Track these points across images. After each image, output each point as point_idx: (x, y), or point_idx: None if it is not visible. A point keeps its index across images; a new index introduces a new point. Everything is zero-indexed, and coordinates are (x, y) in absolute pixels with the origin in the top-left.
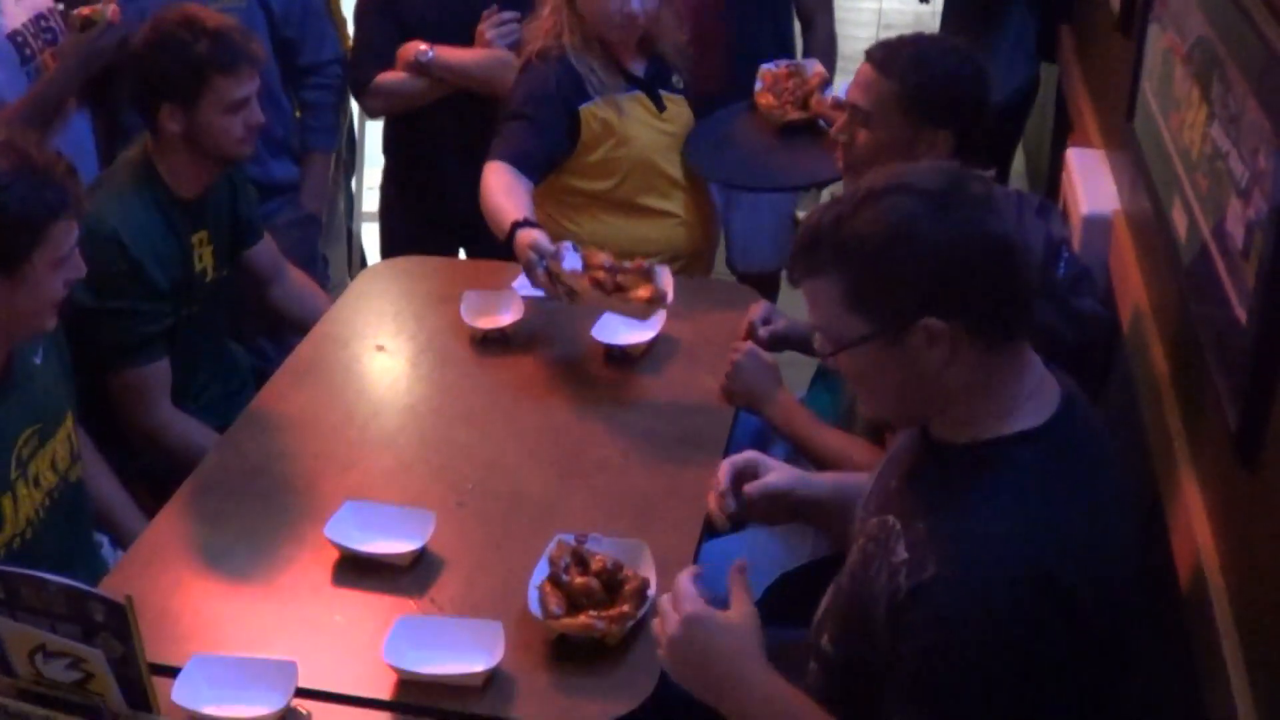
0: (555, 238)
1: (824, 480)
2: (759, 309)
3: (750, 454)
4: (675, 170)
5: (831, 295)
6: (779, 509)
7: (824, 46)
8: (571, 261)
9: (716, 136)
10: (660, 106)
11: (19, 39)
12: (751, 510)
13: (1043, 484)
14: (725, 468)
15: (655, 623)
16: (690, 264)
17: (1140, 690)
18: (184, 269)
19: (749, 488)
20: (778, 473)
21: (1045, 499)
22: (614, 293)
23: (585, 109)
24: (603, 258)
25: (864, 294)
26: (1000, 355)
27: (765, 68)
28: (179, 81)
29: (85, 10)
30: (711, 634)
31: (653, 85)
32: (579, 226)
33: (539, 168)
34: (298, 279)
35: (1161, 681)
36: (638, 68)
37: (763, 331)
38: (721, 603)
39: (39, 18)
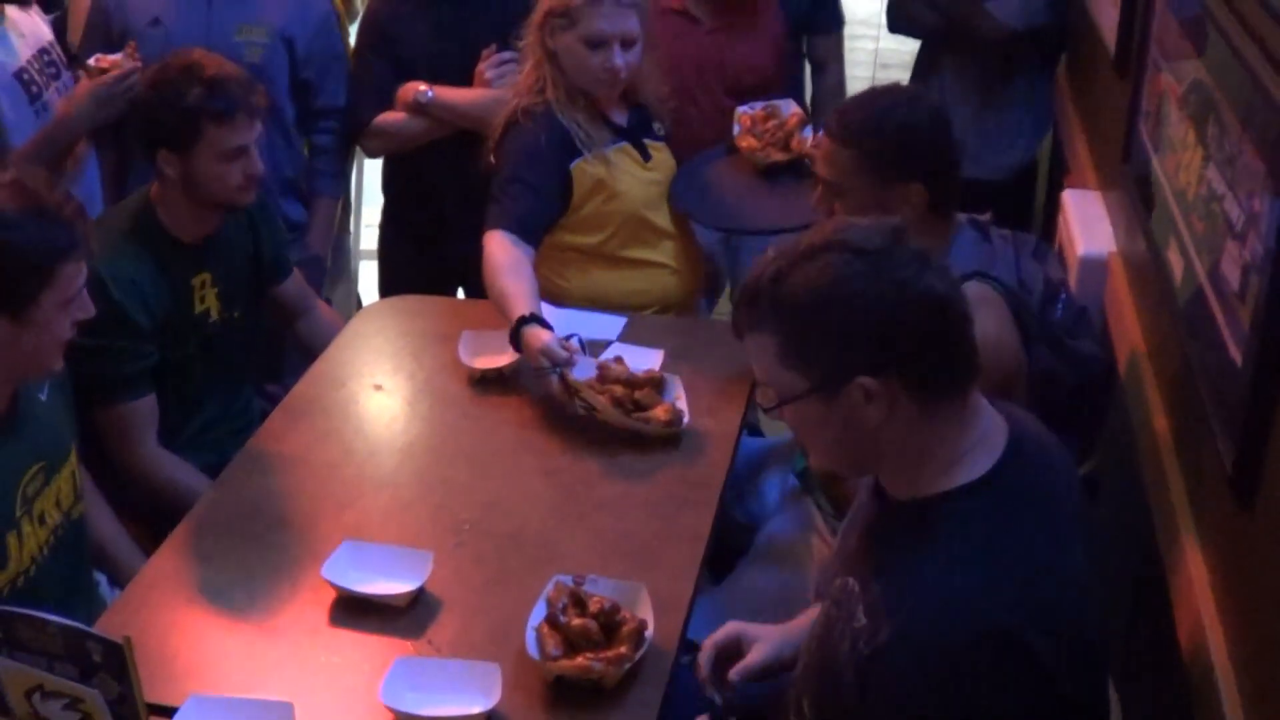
0: (549, 295)
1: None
2: None
3: (731, 629)
4: (663, 220)
5: (770, 350)
6: (769, 676)
7: (834, 91)
8: (585, 369)
9: (702, 181)
10: (646, 156)
11: (25, 76)
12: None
13: (990, 537)
14: (706, 651)
15: None
16: (681, 310)
17: None
18: (177, 310)
19: (733, 674)
20: (760, 647)
21: (994, 552)
22: (634, 412)
23: (576, 166)
24: (618, 370)
25: (799, 351)
26: (940, 410)
27: (741, 110)
28: (173, 129)
29: (105, 62)
30: None
31: (636, 134)
32: (569, 282)
33: (538, 232)
34: (325, 313)
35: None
36: (620, 118)
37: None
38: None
39: (41, 52)
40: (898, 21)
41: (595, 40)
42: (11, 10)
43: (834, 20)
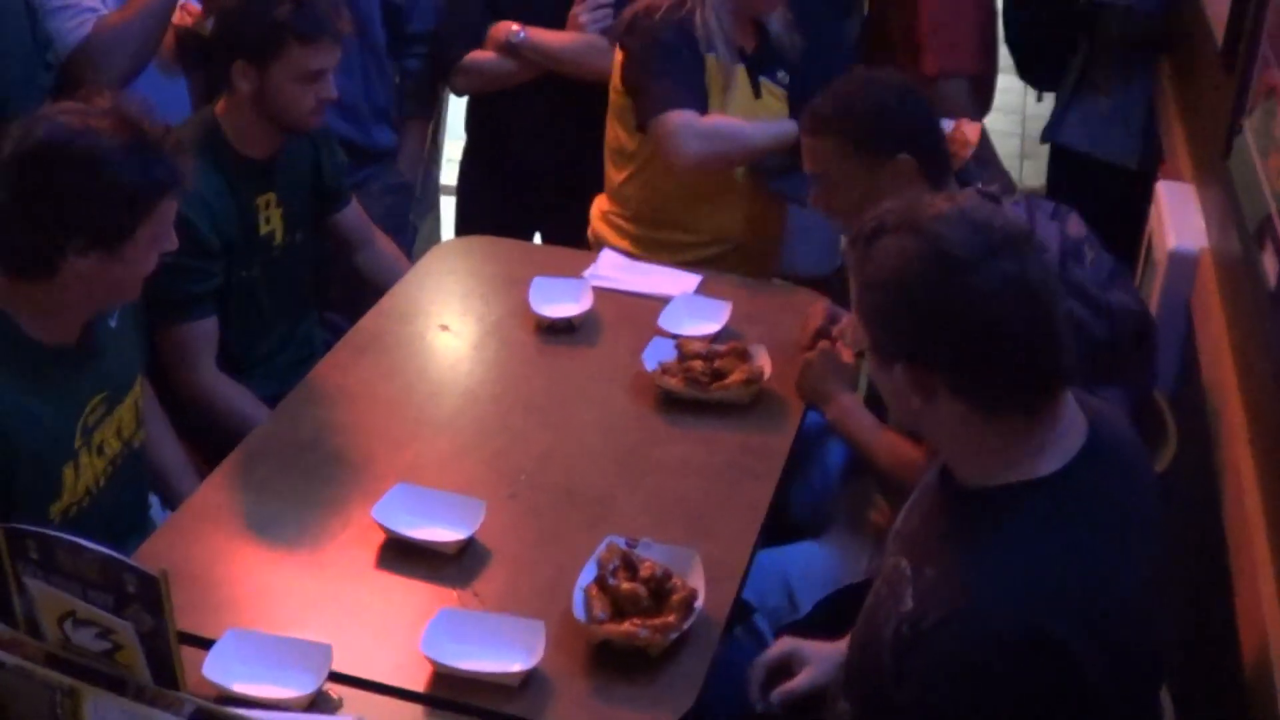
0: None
1: None
2: (821, 308)
3: (784, 647)
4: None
5: (853, 297)
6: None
7: None
8: (663, 352)
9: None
10: (756, 93)
11: None
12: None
13: (1049, 538)
14: (757, 670)
15: None
16: (746, 258)
17: None
18: (243, 230)
19: (774, 696)
20: (809, 670)
21: (1051, 555)
22: (710, 383)
23: (709, 57)
24: (696, 345)
25: (863, 313)
26: (993, 419)
27: None
28: (256, 41)
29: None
30: None
31: (754, 68)
32: (634, 207)
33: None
34: (385, 246)
35: None
36: (747, 45)
37: (835, 330)
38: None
39: None
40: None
41: None
42: None
43: None
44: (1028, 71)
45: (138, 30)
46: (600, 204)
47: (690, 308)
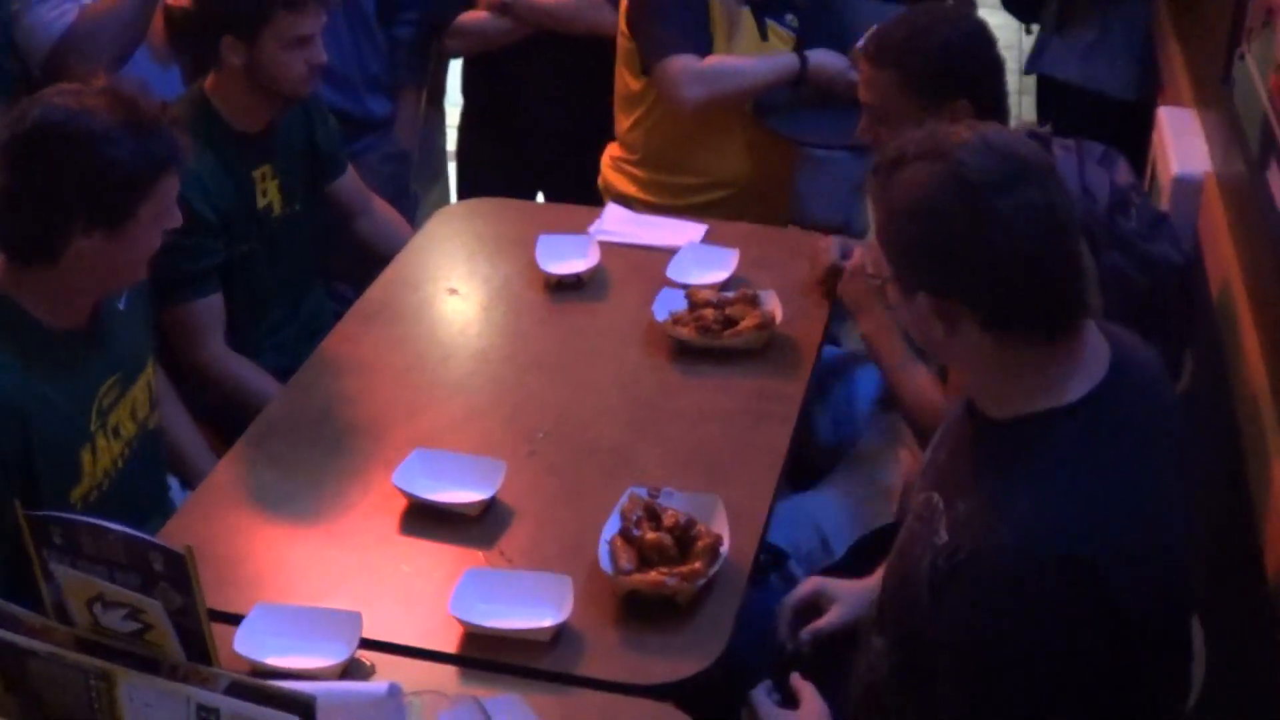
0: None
1: None
2: (830, 243)
3: (811, 586)
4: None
5: (875, 226)
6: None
7: None
8: (673, 302)
9: (791, 92)
10: (763, 35)
11: None
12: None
13: (1079, 463)
14: (785, 611)
15: None
16: (757, 201)
17: (1214, 677)
18: (241, 204)
19: (804, 634)
20: (837, 608)
21: (1081, 480)
22: (723, 330)
23: (713, 1)
24: (706, 294)
25: (886, 242)
26: (1018, 346)
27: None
28: (243, 13)
29: None
30: None
31: (762, 10)
32: (640, 152)
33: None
34: (385, 212)
35: (1245, 665)
36: None
37: (849, 264)
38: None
39: None
40: None
41: None
42: None
43: None
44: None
45: (123, 14)
46: (610, 151)
47: (698, 256)
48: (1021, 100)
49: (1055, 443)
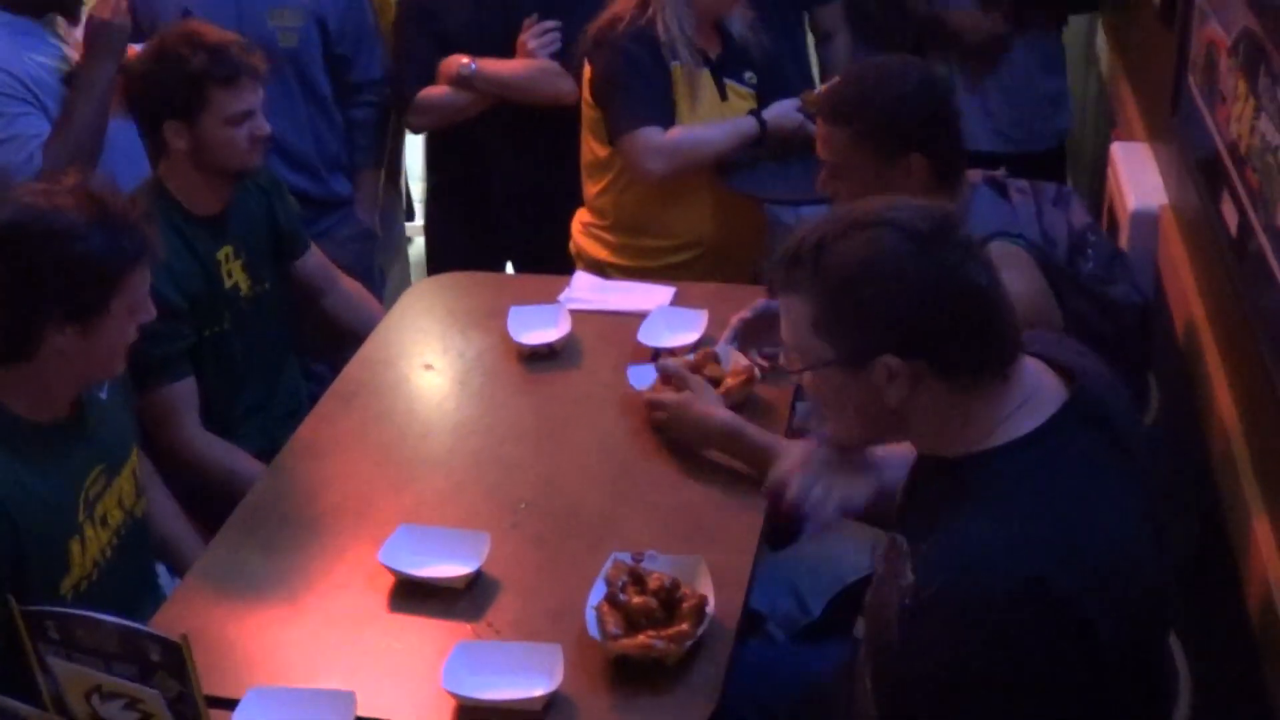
0: (587, 254)
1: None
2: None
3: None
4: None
5: (804, 315)
6: None
7: (843, 62)
8: (645, 378)
9: (751, 150)
10: (722, 95)
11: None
12: None
13: (1031, 493)
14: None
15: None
16: (726, 261)
17: (1199, 703)
18: (208, 286)
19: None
20: None
21: (1034, 508)
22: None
23: (674, 67)
24: (673, 365)
25: (832, 321)
26: (971, 387)
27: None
28: (179, 97)
29: (132, 52)
30: None
31: (719, 70)
32: (610, 217)
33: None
34: (351, 288)
35: (1224, 681)
36: (711, 49)
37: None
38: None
39: None
40: (866, 35)
41: None
42: (63, 21)
43: None
44: None
45: (85, 137)
46: (580, 216)
47: (668, 320)
48: None
49: (1009, 474)
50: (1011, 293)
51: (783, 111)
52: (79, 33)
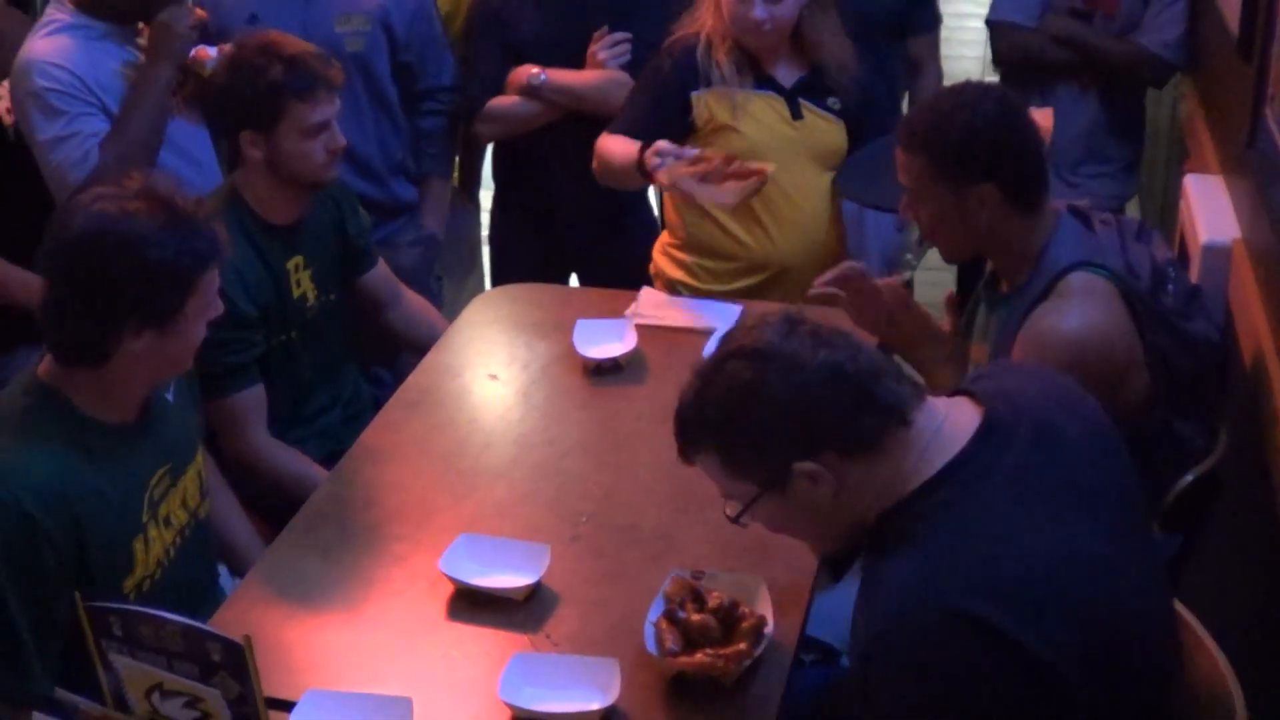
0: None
1: None
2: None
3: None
4: (793, 187)
5: (715, 465)
6: None
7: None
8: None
9: (877, 161)
10: (795, 114)
11: None
12: None
13: (946, 526)
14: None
15: None
16: (791, 286)
17: None
18: (277, 296)
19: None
20: None
21: (949, 540)
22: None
23: (696, 95)
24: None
25: (736, 459)
26: (880, 453)
27: None
28: (256, 107)
29: (202, 54)
30: None
31: (796, 94)
32: (681, 229)
33: (650, 138)
34: (415, 302)
35: None
36: (786, 75)
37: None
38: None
39: None
40: (1007, 53)
41: None
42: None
43: (931, 18)
44: None
45: (142, 137)
46: (661, 238)
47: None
48: None
49: (919, 515)
50: (1088, 325)
51: (661, 168)
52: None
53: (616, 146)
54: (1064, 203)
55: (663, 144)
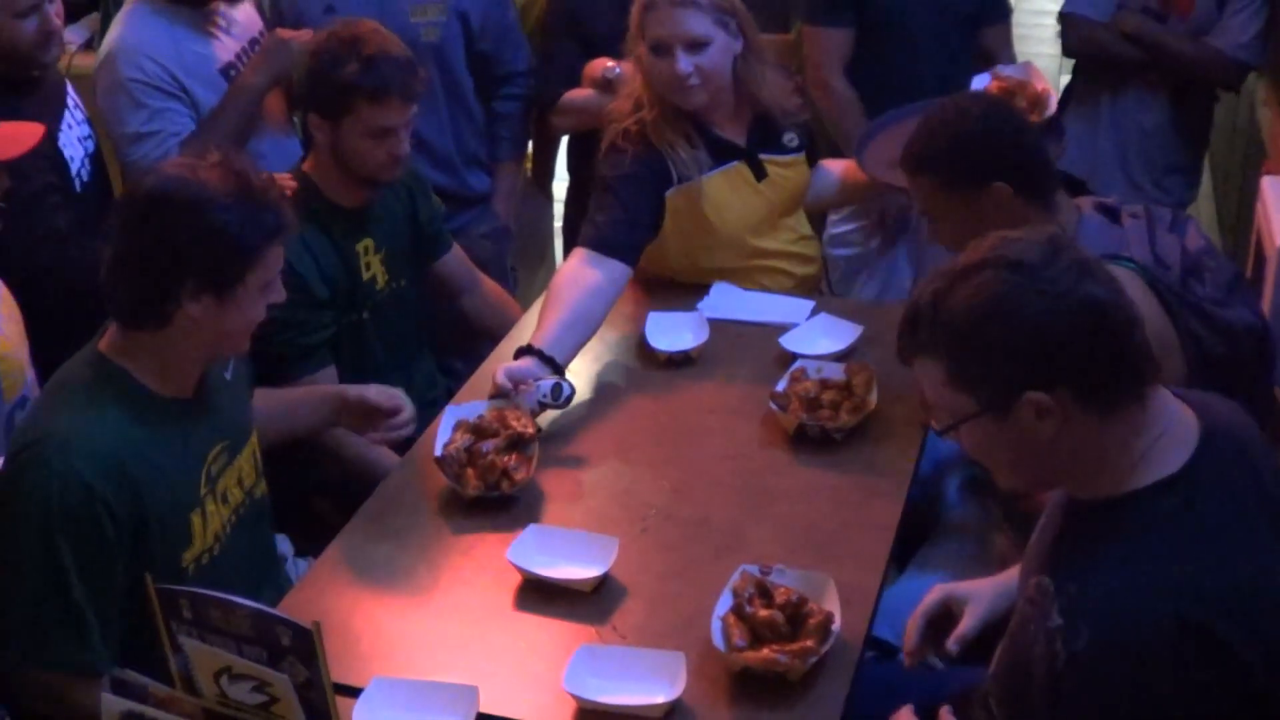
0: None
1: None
2: None
3: (938, 594)
4: (771, 243)
5: (937, 374)
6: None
7: None
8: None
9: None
10: (759, 174)
11: (232, 72)
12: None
13: (1181, 533)
14: (916, 621)
15: None
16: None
17: None
18: (348, 277)
19: (950, 643)
20: (973, 609)
21: (1184, 548)
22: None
23: (669, 195)
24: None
25: (965, 373)
26: (1118, 415)
27: (985, 83)
28: (325, 98)
29: (285, 34)
30: None
31: (755, 152)
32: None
33: (629, 251)
34: (491, 290)
35: None
36: (738, 134)
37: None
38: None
39: (252, 43)
40: (1077, 46)
41: (658, 46)
42: (224, 5)
43: (1004, 10)
44: None
45: (229, 131)
46: None
47: (824, 326)
48: None
49: (1156, 518)
50: None
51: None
52: (238, 13)
53: (550, 299)
54: (1091, 200)
55: (516, 368)
